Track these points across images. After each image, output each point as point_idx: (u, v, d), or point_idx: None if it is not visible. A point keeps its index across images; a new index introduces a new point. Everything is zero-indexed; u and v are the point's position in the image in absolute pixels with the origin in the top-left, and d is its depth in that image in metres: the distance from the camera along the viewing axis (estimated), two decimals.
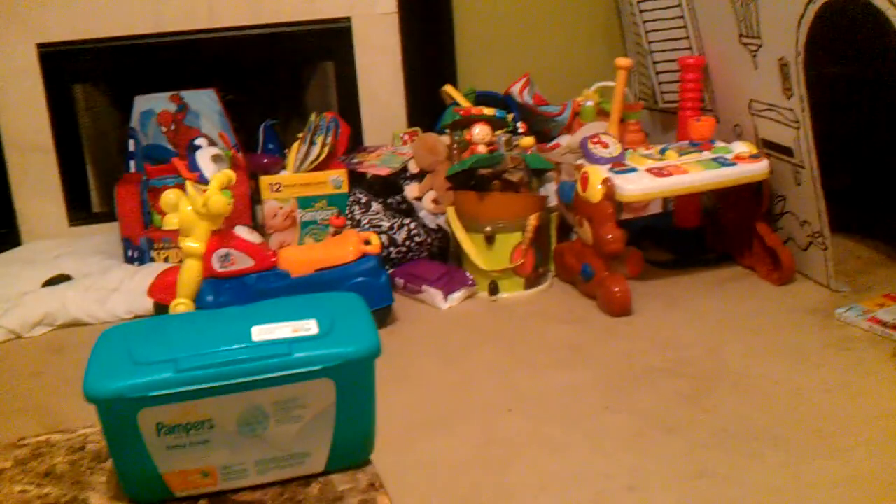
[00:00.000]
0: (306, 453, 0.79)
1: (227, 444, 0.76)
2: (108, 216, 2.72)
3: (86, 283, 2.36)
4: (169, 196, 2.01)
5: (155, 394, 0.73)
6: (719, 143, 2.26)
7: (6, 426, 1.78)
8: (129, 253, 2.54)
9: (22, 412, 1.85)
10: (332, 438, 0.79)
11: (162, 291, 2.08)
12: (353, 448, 0.81)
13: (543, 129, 2.70)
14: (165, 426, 0.75)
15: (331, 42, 2.86)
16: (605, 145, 2.23)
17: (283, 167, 2.55)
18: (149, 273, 2.29)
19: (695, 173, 2.15)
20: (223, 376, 0.74)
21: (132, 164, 2.64)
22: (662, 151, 2.23)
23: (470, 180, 2.34)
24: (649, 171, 2.15)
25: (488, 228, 2.26)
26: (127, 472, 0.78)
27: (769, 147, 2.25)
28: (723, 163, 2.17)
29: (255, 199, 2.55)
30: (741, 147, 2.22)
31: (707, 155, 2.21)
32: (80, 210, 2.81)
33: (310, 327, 0.79)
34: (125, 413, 0.74)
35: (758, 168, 2.17)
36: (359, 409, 0.80)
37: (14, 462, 0.87)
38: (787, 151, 2.18)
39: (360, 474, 0.80)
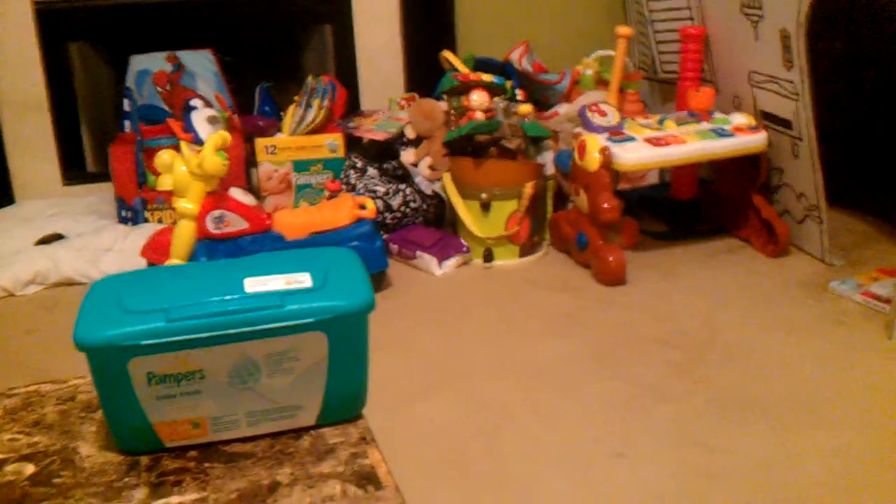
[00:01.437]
0: (298, 406, 0.79)
1: (219, 396, 0.76)
2: (102, 176, 2.70)
3: (79, 243, 2.35)
4: (164, 156, 1.99)
5: (145, 342, 0.73)
6: (718, 114, 2.25)
7: None
8: (123, 213, 2.52)
9: (14, 367, 1.85)
10: (323, 392, 0.79)
11: (155, 252, 2.07)
12: (344, 402, 0.81)
13: (542, 97, 2.68)
14: (156, 376, 0.74)
15: (329, 5, 2.83)
16: (604, 114, 2.22)
17: (279, 130, 2.53)
18: (142, 233, 2.28)
19: (693, 143, 2.14)
20: (214, 326, 0.74)
21: (127, 124, 2.62)
22: (661, 121, 2.22)
23: (467, 147, 2.32)
24: (647, 140, 2.14)
25: (484, 195, 2.26)
26: (117, 421, 0.77)
27: (768, 119, 2.24)
28: (721, 134, 2.16)
29: (251, 161, 2.53)
30: (740, 118, 2.21)
31: (706, 126, 2.20)
32: (74, 169, 2.79)
33: (303, 280, 0.78)
34: (115, 361, 0.73)
35: (756, 140, 2.17)
36: (351, 364, 0.79)
37: (3, 411, 0.86)
38: (786, 123, 2.17)
39: (351, 428, 0.80)
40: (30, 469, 0.77)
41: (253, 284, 0.77)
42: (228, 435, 0.78)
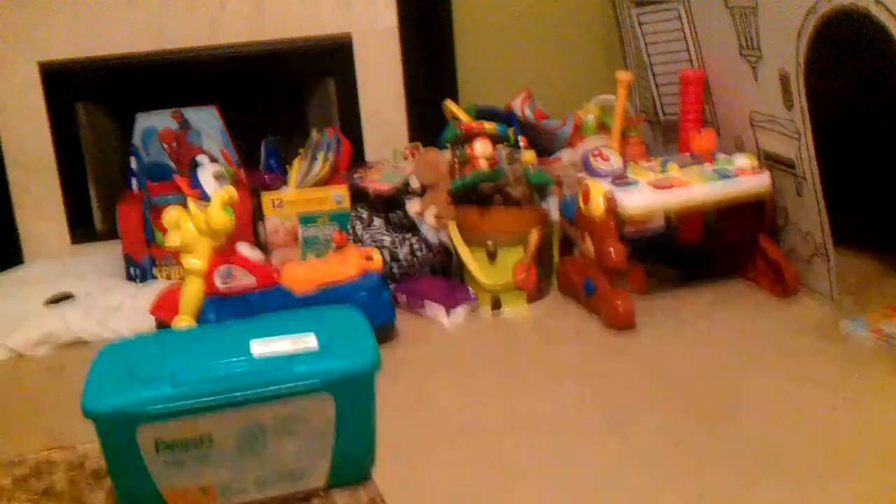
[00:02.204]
0: (306, 469, 0.78)
1: (227, 461, 0.76)
2: (110, 234, 2.72)
3: (88, 302, 2.36)
4: (171, 214, 2.00)
5: (153, 409, 0.73)
6: (721, 156, 2.26)
7: (7, 445, 1.77)
8: (132, 271, 2.53)
9: (22, 431, 1.84)
10: (332, 454, 0.78)
11: (164, 309, 2.07)
12: (353, 463, 0.81)
13: (545, 144, 2.69)
14: (164, 442, 0.74)
15: (331, 58, 2.86)
16: (607, 159, 2.23)
17: (285, 184, 2.55)
18: (151, 291, 2.29)
19: (697, 186, 2.14)
20: (222, 391, 0.74)
21: (134, 182, 2.64)
22: (664, 164, 2.23)
23: (471, 195, 2.33)
24: (651, 184, 2.14)
25: (490, 243, 2.26)
26: (125, 489, 0.77)
27: (771, 159, 2.25)
28: (724, 176, 2.17)
29: (257, 215, 2.54)
30: (743, 160, 2.22)
31: (709, 168, 2.21)
32: (82, 228, 2.81)
33: (309, 342, 0.78)
34: (124, 429, 0.73)
35: (760, 181, 2.17)
36: (359, 424, 0.79)
37: (13, 480, 0.86)
38: (789, 163, 2.18)
39: (360, 490, 0.80)
40: None
41: (259, 347, 0.77)
42: (237, 500, 0.78)
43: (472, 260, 2.29)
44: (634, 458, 1.60)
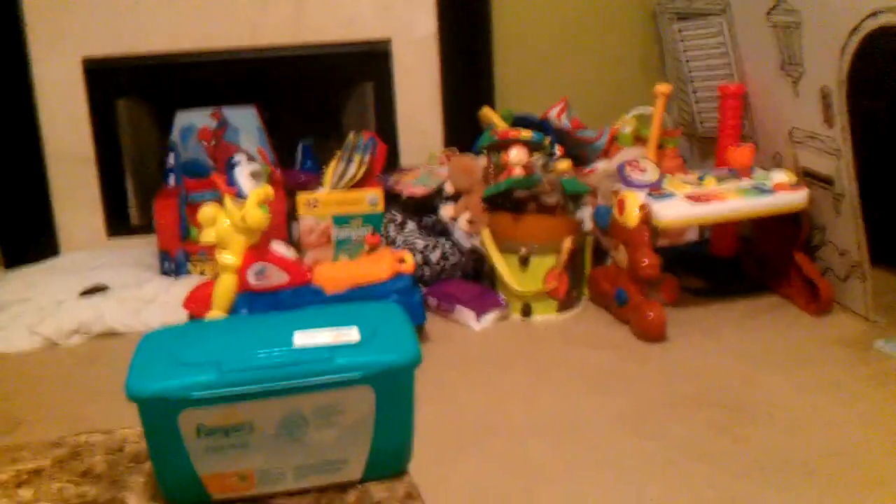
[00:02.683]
0: (344, 460, 0.79)
1: (266, 449, 0.76)
2: (146, 229, 2.75)
3: (122, 294, 2.38)
4: (207, 210, 2.02)
5: (197, 395, 0.73)
6: (759, 171, 2.25)
7: (41, 431, 1.80)
8: (166, 265, 2.56)
9: (57, 417, 1.87)
10: (370, 446, 0.79)
11: (197, 304, 2.09)
12: (390, 457, 0.81)
13: (580, 154, 2.69)
14: (206, 428, 0.75)
15: (370, 63, 2.88)
16: (643, 170, 2.22)
17: (320, 185, 2.57)
18: (185, 286, 2.31)
19: (733, 201, 2.13)
20: (265, 380, 0.75)
21: (171, 178, 2.66)
22: (701, 178, 2.22)
23: (506, 202, 2.34)
24: (687, 197, 2.14)
25: (523, 250, 2.26)
26: (165, 472, 0.78)
27: (809, 176, 2.24)
28: (762, 191, 2.16)
29: (292, 215, 2.56)
30: (781, 175, 2.21)
31: (746, 183, 2.20)
32: (118, 222, 2.84)
33: (351, 334, 0.79)
34: (166, 413, 0.74)
35: (797, 197, 2.16)
36: (397, 418, 0.80)
37: (53, 461, 0.87)
38: (828, 181, 2.17)
39: (397, 484, 0.80)
40: None
41: (302, 338, 0.78)
42: (275, 488, 0.78)
43: (503, 266, 2.29)
44: (657, 465, 1.59)
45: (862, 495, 1.48)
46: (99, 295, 2.40)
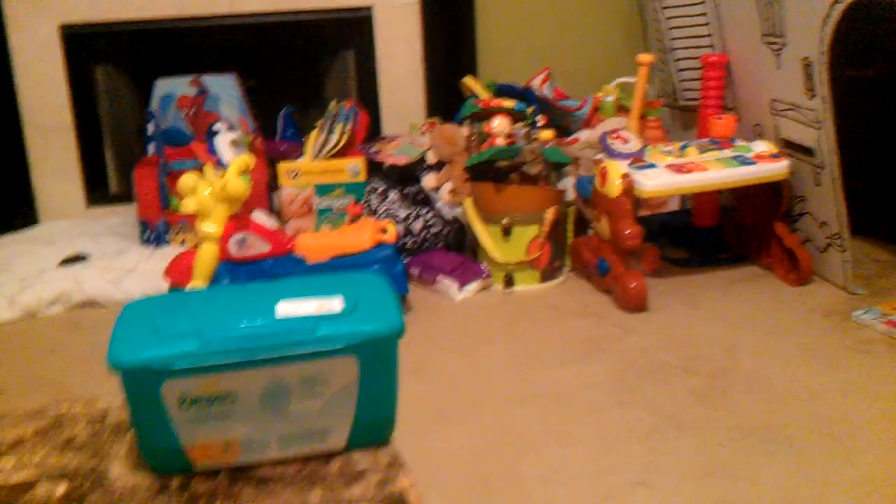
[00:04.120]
0: (328, 430, 0.79)
1: (250, 418, 0.76)
2: (125, 198, 2.73)
3: (102, 264, 2.37)
4: (187, 179, 2.01)
5: (179, 366, 0.73)
6: (740, 142, 2.25)
7: (23, 401, 1.79)
8: (146, 235, 2.54)
9: (37, 387, 1.86)
10: (353, 416, 0.79)
11: (178, 274, 2.08)
12: (374, 427, 0.81)
13: (563, 124, 2.69)
14: (188, 398, 0.75)
15: (351, 31, 2.86)
16: (625, 140, 2.22)
17: (302, 154, 2.55)
18: (165, 255, 2.30)
19: (714, 171, 2.14)
20: (248, 350, 0.74)
21: (151, 146, 2.64)
22: (683, 148, 2.23)
23: (488, 172, 2.33)
24: (669, 167, 2.14)
25: (505, 221, 2.26)
26: (148, 443, 0.78)
27: (790, 147, 2.24)
28: (743, 161, 2.16)
29: (273, 185, 2.55)
30: (762, 146, 2.21)
31: (727, 153, 2.20)
32: (97, 191, 2.82)
33: (334, 305, 0.79)
34: (149, 384, 0.74)
35: (778, 168, 2.16)
36: (381, 388, 0.80)
37: (34, 431, 0.87)
38: (808, 152, 2.17)
39: (380, 453, 0.81)
40: (61, 489, 0.77)
41: (285, 309, 0.78)
42: (259, 458, 0.78)
43: (486, 236, 2.29)
44: (641, 433, 1.61)
45: (843, 462, 1.50)
46: (79, 264, 2.39)
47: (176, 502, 0.75)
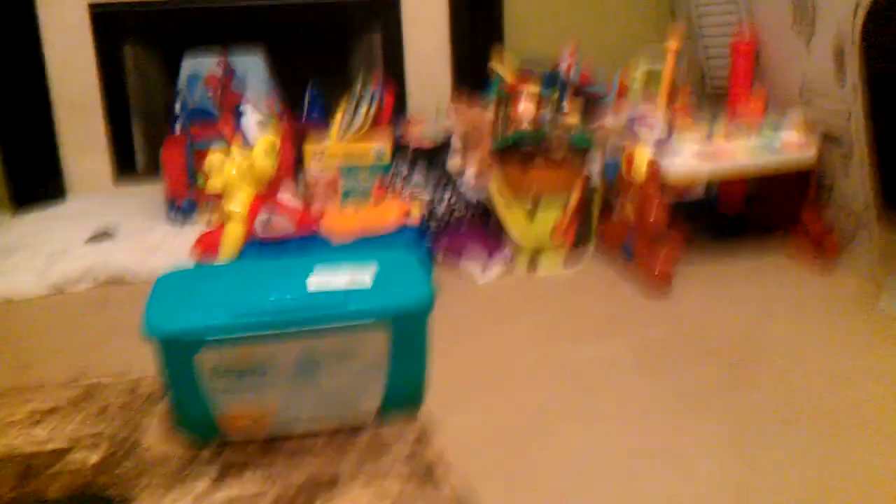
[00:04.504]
0: (358, 402, 0.80)
1: (281, 390, 0.77)
2: (152, 175, 2.75)
3: (129, 241, 2.39)
4: (214, 158, 2.02)
5: (212, 337, 0.74)
6: (768, 128, 2.24)
7: (53, 375, 1.81)
8: (173, 212, 2.56)
9: (67, 362, 1.87)
10: (383, 389, 0.80)
11: (205, 251, 2.10)
12: (403, 400, 0.82)
13: (589, 108, 2.67)
14: (221, 368, 0.76)
15: (379, 10, 2.85)
16: (652, 126, 2.21)
17: (327, 135, 2.56)
18: (191, 233, 2.31)
19: (742, 158, 2.13)
20: (279, 324, 0.75)
21: (178, 124, 2.65)
22: (710, 134, 2.21)
23: (514, 153, 2.33)
24: (696, 153, 2.13)
25: (530, 204, 2.26)
26: (182, 411, 0.79)
27: (820, 130, 2.22)
28: (771, 148, 2.15)
29: (298, 166, 2.55)
30: (790, 133, 2.20)
31: (755, 140, 2.19)
32: (125, 168, 2.84)
33: (365, 280, 0.79)
34: (184, 353, 0.75)
35: (806, 155, 2.15)
36: (411, 362, 0.80)
37: (67, 401, 0.88)
38: (837, 139, 2.16)
39: (409, 426, 0.81)
40: (94, 458, 0.78)
41: (316, 283, 0.78)
42: (290, 428, 0.79)
43: (510, 218, 2.29)
44: (664, 414, 1.61)
45: (867, 446, 1.49)
46: (106, 241, 2.41)
47: (207, 471, 0.76)
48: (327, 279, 0.77)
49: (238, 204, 2.02)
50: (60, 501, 0.68)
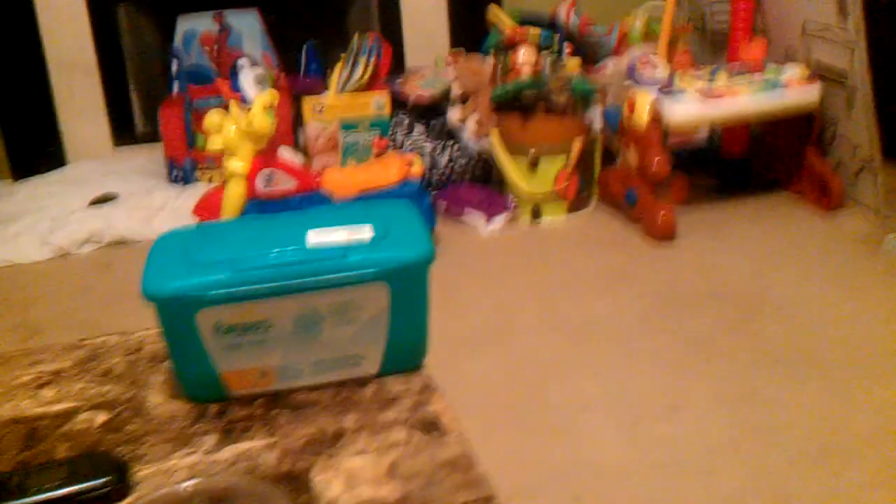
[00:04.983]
0: (361, 356, 0.80)
1: (284, 345, 0.77)
2: (151, 137, 2.73)
3: (131, 203, 2.39)
4: (213, 117, 2.01)
5: (212, 294, 0.74)
6: (771, 66, 2.21)
7: (60, 337, 1.82)
8: (174, 174, 2.55)
9: (74, 323, 1.89)
10: (386, 342, 0.79)
11: (207, 210, 2.10)
12: (406, 352, 0.82)
13: (590, 52, 2.65)
14: (223, 326, 0.75)
15: None
16: (654, 68, 2.19)
17: (326, 89, 2.54)
18: (193, 193, 2.31)
19: (745, 97, 2.10)
20: (279, 278, 0.75)
21: (175, 85, 2.64)
22: (713, 75, 2.19)
23: (514, 104, 2.31)
24: (698, 95, 2.11)
25: (532, 152, 2.25)
26: (185, 370, 0.79)
27: (822, 70, 2.20)
28: (774, 86, 2.12)
29: (298, 121, 2.54)
30: (793, 70, 2.17)
31: (758, 78, 2.16)
32: (124, 131, 2.83)
33: (364, 232, 0.79)
34: (183, 312, 0.74)
35: (810, 92, 2.13)
36: (413, 315, 0.80)
37: (73, 362, 0.88)
38: (841, 74, 2.13)
39: (413, 378, 0.81)
40: (102, 417, 0.78)
41: (315, 237, 0.78)
42: (294, 384, 0.79)
43: (512, 168, 2.28)
44: (670, 361, 1.61)
45: (872, 386, 1.50)
46: (108, 204, 2.41)
47: (214, 428, 0.76)
48: (327, 234, 0.77)
49: (238, 162, 2.01)
50: (69, 460, 0.69)
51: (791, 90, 2.11)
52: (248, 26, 2.68)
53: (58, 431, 0.76)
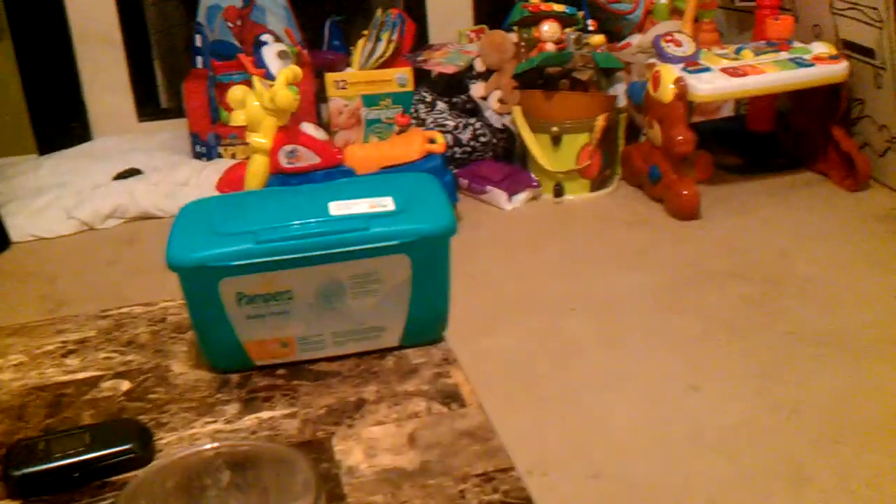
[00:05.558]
0: (382, 327, 0.80)
1: (306, 316, 0.78)
2: (175, 112, 2.74)
3: (155, 178, 2.40)
4: (236, 92, 2.01)
5: (235, 263, 0.74)
6: (797, 44, 2.18)
7: (84, 309, 1.84)
8: (197, 148, 2.56)
9: (99, 295, 1.91)
10: (407, 313, 0.80)
11: (230, 186, 2.11)
12: (427, 324, 0.82)
13: (614, 28, 2.63)
14: (246, 296, 0.76)
15: None
16: (679, 44, 2.17)
17: (349, 64, 2.53)
18: (217, 168, 2.32)
19: (771, 74, 2.08)
20: (302, 249, 0.75)
21: (199, 59, 2.64)
22: (738, 51, 2.17)
23: (537, 79, 2.30)
24: (724, 70, 2.09)
25: (555, 129, 2.24)
26: (208, 340, 0.79)
27: (850, 48, 2.17)
28: (800, 63, 2.10)
29: (321, 96, 2.54)
30: (820, 48, 2.14)
31: (784, 55, 2.14)
32: (148, 105, 2.84)
33: (386, 204, 0.79)
34: (207, 282, 0.75)
35: (837, 70, 2.10)
36: (434, 286, 0.80)
37: (98, 332, 0.89)
38: (869, 52, 2.10)
39: (433, 350, 0.81)
40: (125, 385, 0.79)
41: (338, 208, 0.78)
42: (315, 354, 0.80)
43: (535, 145, 2.27)
44: (692, 338, 1.61)
45: (891, 366, 1.49)
46: (133, 179, 2.42)
47: (235, 397, 0.77)
48: (350, 204, 0.77)
49: (261, 137, 2.01)
50: (94, 426, 0.70)
51: (818, 64, 2.09)
52: (271, 1, 2.68)
53: (82, 399, 0.77)
